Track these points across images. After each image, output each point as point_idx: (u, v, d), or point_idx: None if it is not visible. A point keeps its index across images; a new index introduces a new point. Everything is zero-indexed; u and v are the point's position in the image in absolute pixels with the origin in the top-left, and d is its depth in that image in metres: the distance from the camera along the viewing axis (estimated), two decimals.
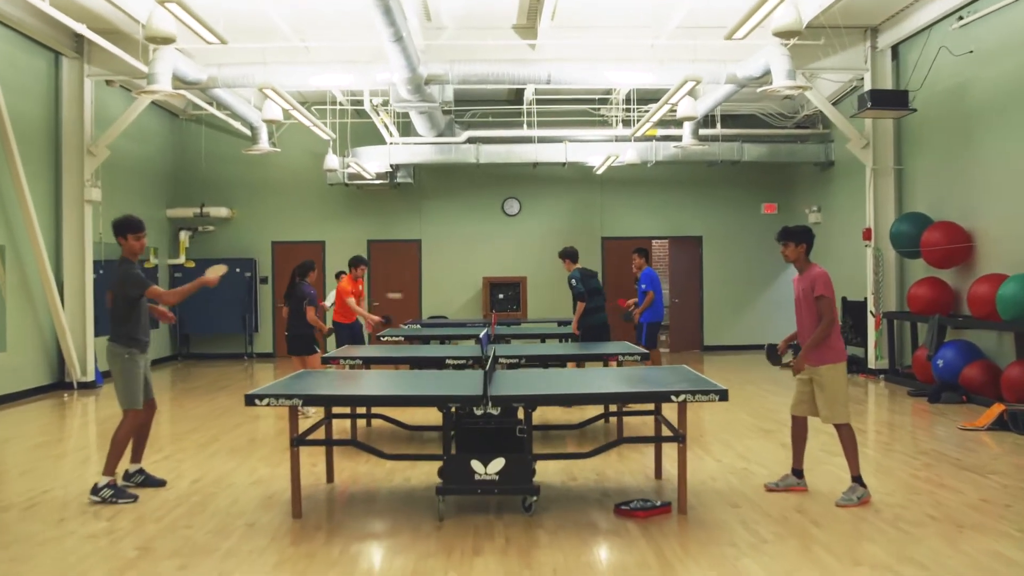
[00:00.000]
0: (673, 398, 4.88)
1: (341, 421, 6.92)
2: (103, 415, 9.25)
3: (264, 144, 13.70)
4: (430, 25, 10.98)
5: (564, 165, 14.87)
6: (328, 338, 10.04)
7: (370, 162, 14.14)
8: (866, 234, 11.72)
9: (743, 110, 14.80)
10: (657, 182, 15.85)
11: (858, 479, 5.23)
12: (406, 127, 14.06)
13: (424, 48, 10.67)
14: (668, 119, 12.78)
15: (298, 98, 13.69)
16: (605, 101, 14.70)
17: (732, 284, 16.07)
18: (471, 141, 14.40)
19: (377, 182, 14.75)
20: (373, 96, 11.92)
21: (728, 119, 14.65)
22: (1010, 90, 9.14)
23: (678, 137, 13.83)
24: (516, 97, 14.62)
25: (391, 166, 14.51)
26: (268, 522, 5.00)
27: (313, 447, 5.82)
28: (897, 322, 11.40)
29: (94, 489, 5.42)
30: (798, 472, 5.62)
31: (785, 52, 9.61)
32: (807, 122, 14.79)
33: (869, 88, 11.07)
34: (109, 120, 11.86)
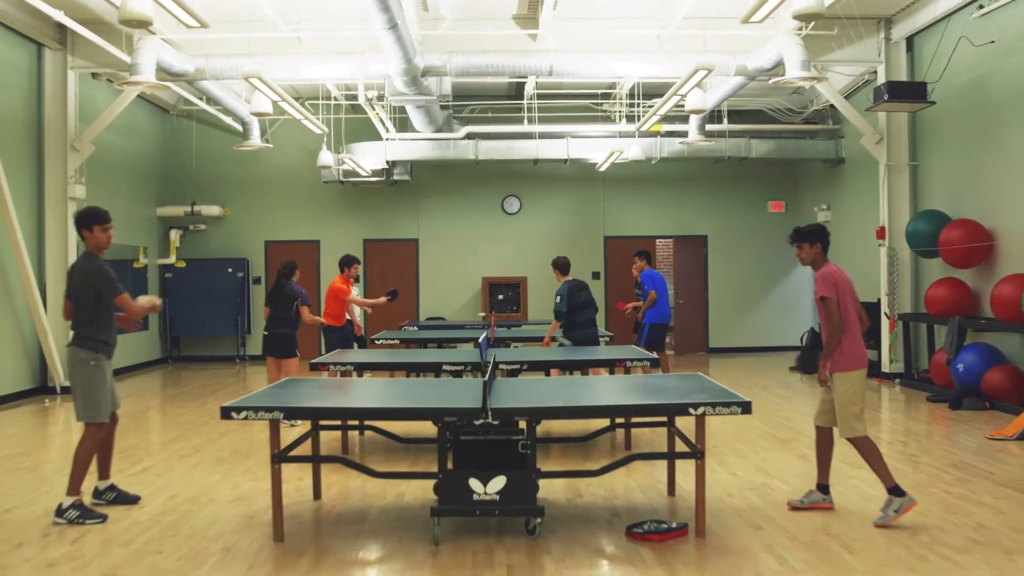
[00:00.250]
0: (692, 411, 4.45)
1: (331, 430, 6.49)
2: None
3: (256, 140, 13.28)
4: (427, 16, 10.54)
5: (566, 162, 14.44)
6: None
7: (366, 159, 13.71)
8: (880, 233, 11.31)
9: (750, 105, 14.36)
10: (661, 179, 15.42)
11: (894, 489, 4.77)
12: (403, 123, 13.63)
13: (421, 39, 10.24)
14: (673, 114, 12.36)
15: (291, 92, 13.24)
16: (608, 96, 14.28)
17: (738, 284, 15.65)
18: (470, 137, 13.97)
19: (373, 179, 14.32)
20: (368, 90, 11.47)
21: (735, 114, 14.22)
22: None
23: (683, 133, 13.42)
24: (516, 92, 14.18)
25: (387, 163, 14.07)
26: (247, 546, 4.57)
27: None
28: (913, 324, 10.97)
29: (58, 511, 4.97)
30: (823, 488, 5.18)
31: (798, 41, 9.19)
32: (816, 118, 14.36)
33: (883, 81, 10.64)
34: (96, 115, 11.42)
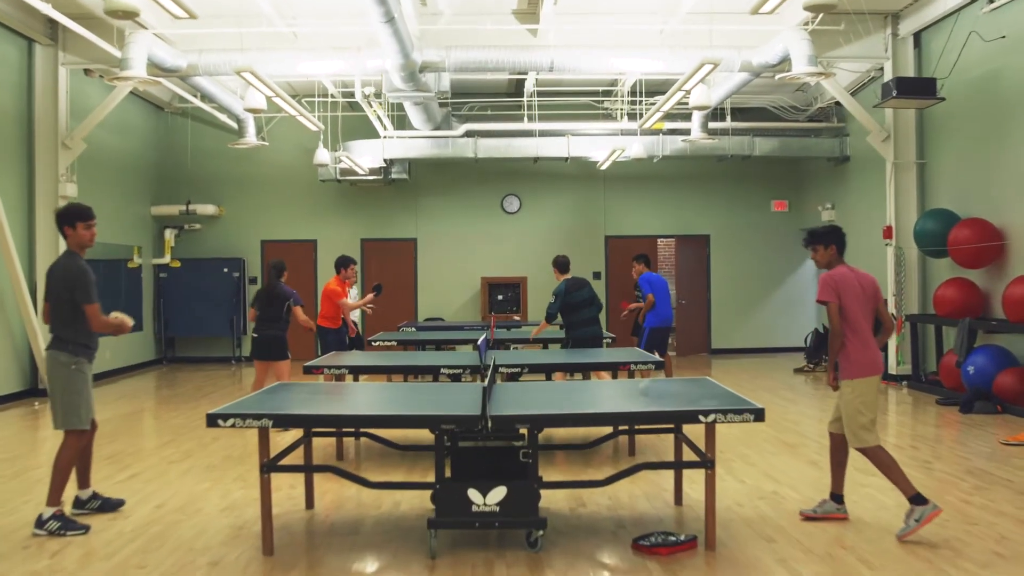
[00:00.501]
0: (702, 418, 4.24)
1: (324, 436, 6.28)
2: None
3: (251, 138, 13.07)
4: (425, 11, 10.33)
5: (566, 160, 14.22)
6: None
7: (363, 157, 13.48)
8: (886, 232, 11.09)
9: (753, 103, 14.14)
10: (663, 178, 15.21)
11: (915, 498, 4.54)
12: (401, 120, 13.41)
13: (419, 34, 10.02)
14: (676, 112, 12.12)
15: (287, 90, 13.05)
16: (609, 93, 14.07)
17: (741, 285, 15.44)
18: (469, 135, 13.75)
19: (370, 178, 14.10)
20: (365, 86, 11.24)
21: (738, 112, 14.02)
22: None
23: (686, 131, 13.21)
24: (516, 89, 13.97)
25: (385, 161, 13.84)
26: (235, 560, 4.35)
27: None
28: (920, 325, 10.76)
29: (38, 522, 4.75)
30: (837, 497, 4.97)
31: (805, 36, 8.99)
32: (820, 115, 14.15)
33: (890, 77, 10.43)
34: (88, 112, 11.20)
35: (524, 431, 4.32)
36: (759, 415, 4.25)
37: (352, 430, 6.40)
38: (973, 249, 9.31)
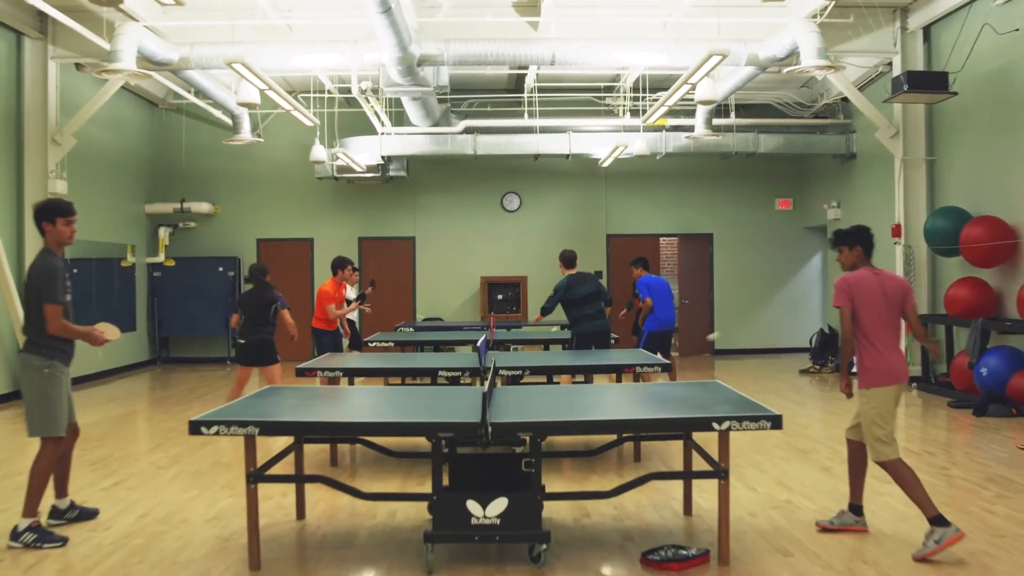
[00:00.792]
0: (716, 425, 3.99)
1: (316, 443, 6.02)
2: None
3: (246, 134, 12.81)
4: (424, 2, 10.07)
5: (567, 157, 13.97)
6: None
7: (360, 153, 13.22)
8: (895, 231, 10.85)
9: (758, 99, 13.89)
10: (666, 176, 14.96)
11: (936, 519, 4.29)
12: (399, 116, 13.15)
13: (417, 27, 9.78)
14: (679, 108, 11.87)
15: (282, 85, 12.78)
16: (611, 89, 13.81)
17: (745, 284, 15.20)
18: (468, 131, 13.49)
19: (368, 175, 13.83)
20: (362, 81, 10.98)
21: (742, 108, 13.78)
22: None
23: (689, 127, 12.95)
24: (516, 85, 13.72)
25: (383, 158, 13.57)
26: (219, 575, 4.10)
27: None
28: (930, 326, 10.52)
29: (13, 534, 4.50)
30: (856, 509, 4.72)
31: (814, 28, 8.74)
32: (826, 112, 13.89)
33: (899, 72, 10.19)
34: (79, 108, 10.95)
35: (527, 438, 4.08)
36: (776, 422, 4.01)
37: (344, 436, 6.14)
38: (985, 248, 9.07)
